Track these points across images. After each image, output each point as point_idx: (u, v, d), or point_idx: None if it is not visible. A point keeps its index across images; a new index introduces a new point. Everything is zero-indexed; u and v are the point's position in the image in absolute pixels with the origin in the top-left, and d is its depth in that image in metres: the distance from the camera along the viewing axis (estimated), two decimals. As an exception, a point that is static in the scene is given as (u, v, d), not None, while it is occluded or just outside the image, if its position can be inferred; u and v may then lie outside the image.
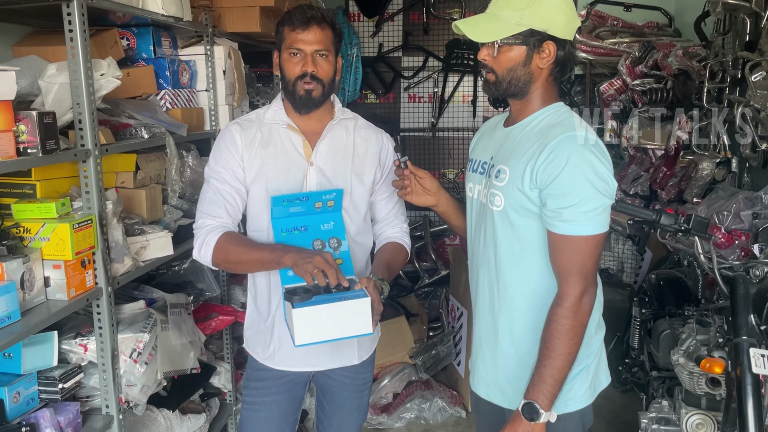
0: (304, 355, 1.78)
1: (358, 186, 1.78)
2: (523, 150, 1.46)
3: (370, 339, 1.90)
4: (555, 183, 1.38)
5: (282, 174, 1.73)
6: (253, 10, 2.71)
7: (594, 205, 1.38)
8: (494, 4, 1.47)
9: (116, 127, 2.05)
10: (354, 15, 4.84)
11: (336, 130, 1.79)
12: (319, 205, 1.66)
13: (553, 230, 1.42)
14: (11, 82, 1.59)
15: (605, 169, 1.40)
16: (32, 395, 1.79)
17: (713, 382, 2.07)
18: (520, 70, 1.46)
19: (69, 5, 1.73)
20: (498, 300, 1.55)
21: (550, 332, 1.42)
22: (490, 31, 1.44)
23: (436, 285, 4.19)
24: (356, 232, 1.79)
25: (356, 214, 1.79)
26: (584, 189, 1.38)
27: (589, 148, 1.40)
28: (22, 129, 1.62)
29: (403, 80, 4.92)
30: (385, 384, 3.30)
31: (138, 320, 2.05)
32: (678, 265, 3.04)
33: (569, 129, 1.42)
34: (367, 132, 1.84)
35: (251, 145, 1.74)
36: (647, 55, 3.53)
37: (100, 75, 1.87)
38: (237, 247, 1.67)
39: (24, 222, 1.76)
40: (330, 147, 1.77)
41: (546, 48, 1.44)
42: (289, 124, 1.75)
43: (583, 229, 1.39)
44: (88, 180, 1.83)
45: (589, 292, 1.42)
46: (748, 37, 2.78)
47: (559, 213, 1.39)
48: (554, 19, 1.42)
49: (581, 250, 1.40)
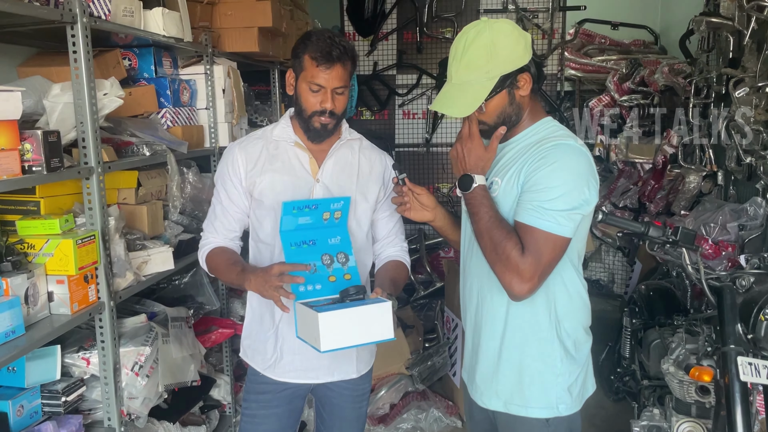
0: (304, 368, 1.82)
1: (362, 203, 1.83)
2: (513, 161, 1.52)
3: (368, 353, 1.94)
4: (534, 177, 1.44)
5: (289, 189, 1.76)
6: (251, 31, 2.77)
7: (563, 207, 1.41)
8: (456, 72, 1.49)
9: (118, 144, 2.09)
10: (349, 34, 4.91)
11: (342, 150, 1.83)
12: (327, 216, 1.68)
13: (517, 218, 1.45)
14: (17, 102, 1.61)
15: (589, 179, 1.44)
16: (35, 408, 1.82)
17: (703, 390, 2.10)
18: (509, 109, 1.52)
19: (73, 27, 1.77)
20: (491, 311, 1.59)
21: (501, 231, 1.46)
22: (469, 101, 1.48)
23: (431, 297, 4.22)
24: (358, 249, 1.80)
25: (359, 230, 1.83)
26: (559, 189, 1.41)
27: (577, 157, 1.45)
28: (28, 147, 1.64)
29: (398, 97, 4.99)
30: (382, 395, 3.33)
31: (139, 334, 2.08)
32: (667, 276, 3.09)
33: (560, 138, 1.49)
34: (372, 153, 1.89)
35: (256, 162, 1.78)
36: (634, 72, 3.62)
37: (103, 94, 1.90)
38: (219, 265, 1.79)
39: (28, 238, 1.79)
40: (336, 165, 1.81)
41: (522, 80, 1.50)
42: (297, 142, 1.79)
43: (543, 224, 1.41)
44: (91, 197, 1.87)
45: (532, 281, 1.42)
46: (732, 54, 2.86)
47: (527, 203, 1.44)
48: (515, 55, 1.47)
49: (539, 242, 1.41)
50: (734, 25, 2.77)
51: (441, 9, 4.83)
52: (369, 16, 4.77)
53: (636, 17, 4.50)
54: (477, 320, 1.64)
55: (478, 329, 1.64)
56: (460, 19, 4.78)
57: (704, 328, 2.20)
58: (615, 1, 4.73)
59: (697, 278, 2.09)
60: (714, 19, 2.87)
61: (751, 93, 2.64)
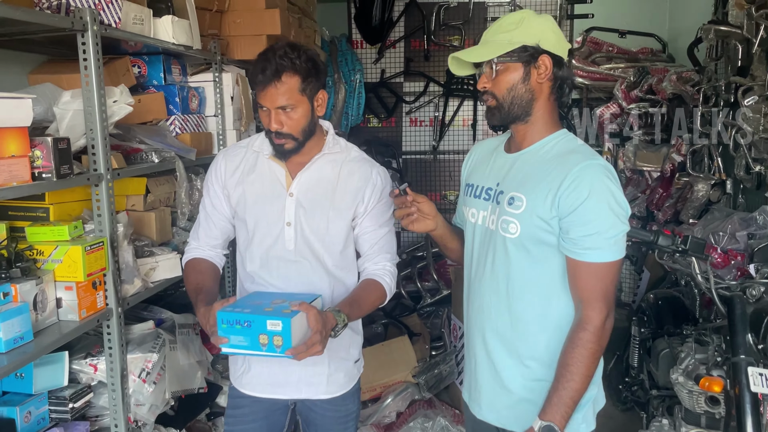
0: (271, 383, 1.79)
1: (336, 220, 1.74)
2: (539, 177, 1.46)
3: (345, 375, 1.83)
4: (578, 211, 1.40)
5: (261, 201, 1.74)
6: (260, 39, 2.79)
7: (615, 232, 1.41)
8: (485, 34, 1.52)
9: (127, 151, 2.10)
10: (357, 42, 4.93)
11: (321, 163, 1.75)
12: (265, 341, 1.47)
13: (577, 258, 1.43)
14: (28, 109, 1.62)
15: (622, 195, 1.43)
16: (43, 415, 1.82)
17: (712, 401, 2.09)
18: (520, 87, 1.48)
19: (84, 35, 1.78)
20: (510, 326, 1.54)
21: (573, 355, 1.43)
22: (484, 53, 1.48)
23: (438, 304, 4.21)
24: (333, 264, 1.77)
25: (333, 248, 1.76)
26: (606, 217, 1.40)
27: (608, 175, 1.43)
28: (38, 154, 1.65)
29: (405, 105, 5.00)
30: (389, 403, 3.32)
31: (147, 340, 2.08)
32: (675, 285, 3.08)
33: (587, 157, 1.45)
34: (356, 165, 1.78)
35: (235, 172, 1.78)
36: (642, 80, 3.61)
37: (112, 102, 1.91)
38: (187, 282, 1.81)
39: (37, 244, 1.79)
40: (311, 179, 1.74)
41: (542, 62, 1.47)
42: (273, 155, 1.75)
43: (606, 255, 1.41)
44: (100, 203, 1.87)
45: (611, 317, 1.44)
46: (740, 62, 2.86)
47: (582, 241, 1.41)
48: (544, 35, 1.46)
49: (604, 276, 1.43)
50: (743, 34, 2.77)
51: (448, 17, 4.84)
52: (377, 23, 4.79)
53: (644, 25, 4.49)
54: (496, 336, 1.59)
55: (489, 351, 1.59)
56: (467, 27, 4.79)
57: (714, 337, 2.19)
58: (622, 9, 4.73)
59: (707, 287, 2.08)
60: (722, 28, 2.87)
61: (760, 101, 2.64)
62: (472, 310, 1.65)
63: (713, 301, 2.09)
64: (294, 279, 1.75)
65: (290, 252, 1.74)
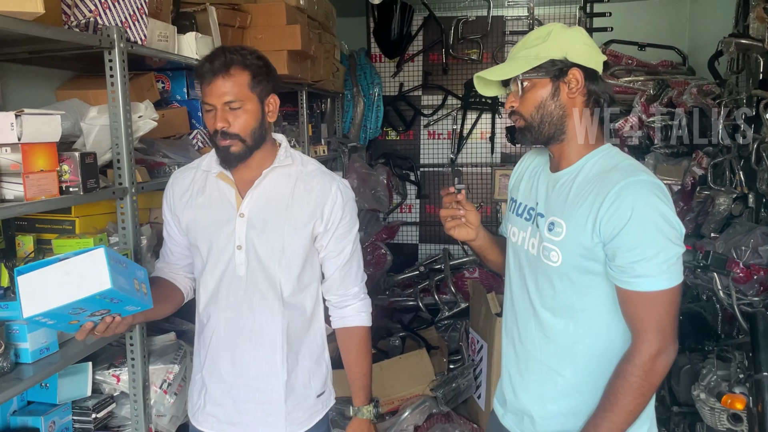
0: (228, 421, 1.65)
1: (292, 240, 1.59)
2: (579, 200, 1.35)
3: (304, 412, 1.67)
4: (622, 235, 1.27)
5: (211, 225, 1.62)
6: (280, 54, 2.83)
7: (667, 256, 1.26)
8: (512, 51, 1.44)
9: (151, 165, 2.14)
10: (376, 56, 4.98)
11: (273, 178, 1.61)
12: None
13: (625, 287, 1.30)
14: (57, 125, 1.64)
15: (673, 214, 1.28)
16: (67, 425, 1.84)
17: (735, 418, 2.06)
18: (550, 104, 1.37)
19: (111, 53, 1.81)
20: (556, 356, 1.43)
21: (615, 386, 1.31)
22: (509, 69, 1.38)
23: (455, 318, 4.21)
24: (290, 293, 1.61)
25: (289, 271, 1.60)
26: (655, 239, 1.26)
27: (654, 192, 1.28)
28: (65, 169, 1.68)
29: (423, 118, 5.04)
30: (406, 416, 3.31)
31: (168, 352, 2.10)
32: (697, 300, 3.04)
33: (630, 173, 1.30)
34: (314, 180, 1.63)
35: (183, 195, 1.68)
36: (662, 93, 3.59)
37: (138, 117, 1.95)
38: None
39: (64, 256, 1.83)
40: (263, 196, 1.60)
41: (572, 76, 1.36)
42: (221, 172, 1.62)
43: (658, 283, 1.27)
44: (125, 216, 1.90)
45: (667, 352, 1.29)
46: (762, 75, 2.84)
47: (630, 268, 1.27)
48: (572, 48, 1.36)
49: (658, 305, 1.28)
50: (764, 47, 2.75)
51: (467, 31, 4.88)
52: (395, 37, 4.85)
53: (663, 38, 4.48)
54: (538, 361, 1.48)
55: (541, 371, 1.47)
56: (485, 40, 4.82)
57: (736, 354, 2.17)
58: (642, 22, 4.73)
59: (729, 303, 2.06)
60: (743, 41, 2.85)
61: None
62: (511, 327, 1.56)
63: (735, 317, 2.06)
64: (244, 311, 1.62)
65: (241, 279, 1.60)
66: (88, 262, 1.30)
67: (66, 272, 1.30)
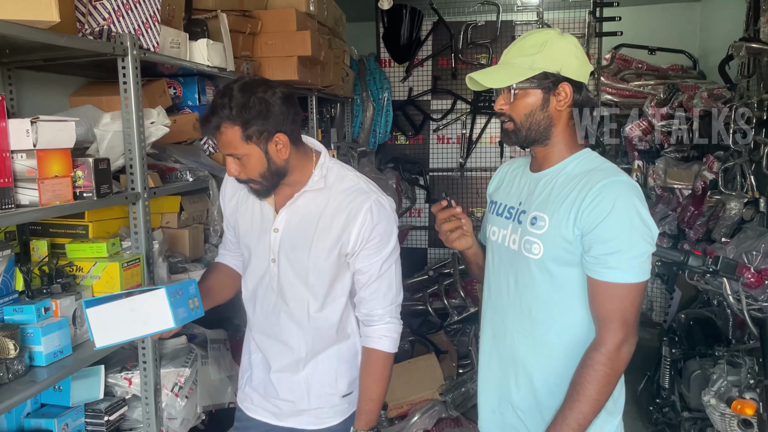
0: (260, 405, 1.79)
1: (320, 261, 1.63)
2: (562, 196, 1.42)
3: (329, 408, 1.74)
4: (600, 228, 1.35)
5: (250, 234, 1.73)
6: (291, 60, 2.85)
7: (639, 252, 1.35)
8: (506, 54, 1.48)
9: (163, 171, 2.16)
10: (385, 61, 5.00)
11: (306, 198, 1.64)
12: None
13: (596, 276, 1.38)
14: (71, 132, 1.66)
15: (648, 215, 1.37)
16: (79, 427, 1.86)
17: (745, 424, 2.05)
18: (539, 114, 1.44)
19: (124, 59, 1.84)
20: (532, 349, 1.50)
21: (582, 376, 1.37)
22: (503, 77, 1.44)
23: (465, 322, 4.21)
24: (317, 309, 1.67)
25: (316, 290, 1.65)
26: (630, 235, 1.34)
27: (634, 193, 1.37)
28: (79, 174, 1.69)
29: (432, 122, 5.04)
30: (416, 421, 3.31)
31: (180, 355, 2.12)
32: (708, 305, 3.03)
33: (611, 174, 1.39)
34: (346, 200, 1.62)
35: (232, 198, 1.79)
36: (672, 97, 3.58)
37: (150, 123, 1.96)
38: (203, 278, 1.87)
39: (77, 261, 1.85)
40: (295, 215, 1.64)
41: (562, 90, 1.43)
42: None
43: (627, 276, 1.35)
44: (137, 221, 1.92)
45: (629, 342, 1.38)
46: (773, 79, 2.82)
47: (604, 259, 1.35)
48: (566, 61, 1.42)
49: (624, 297, 1.36)
50: (775, 51, 2.74)
51: (476, 36, 4.88)
52: (405, 43, 4.86)
53: (674, 42, 4.47)
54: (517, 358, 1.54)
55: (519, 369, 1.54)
56: (494, 45, 4.82)
57: (747, 359, 2.16)
58: (652, 26, 4.72)
59: (739, 309, 2.05)
60: (754, 45, 2.84)
61: (794, 119, 2.60)
62: (489, 329, 1.61)
63: (746, 323, 2.06)
64: (272, 320, 1.72)
65: (273, 291, 1.70)
66: (152, 301, 1.43)
67: (131, 309, 1.44)
